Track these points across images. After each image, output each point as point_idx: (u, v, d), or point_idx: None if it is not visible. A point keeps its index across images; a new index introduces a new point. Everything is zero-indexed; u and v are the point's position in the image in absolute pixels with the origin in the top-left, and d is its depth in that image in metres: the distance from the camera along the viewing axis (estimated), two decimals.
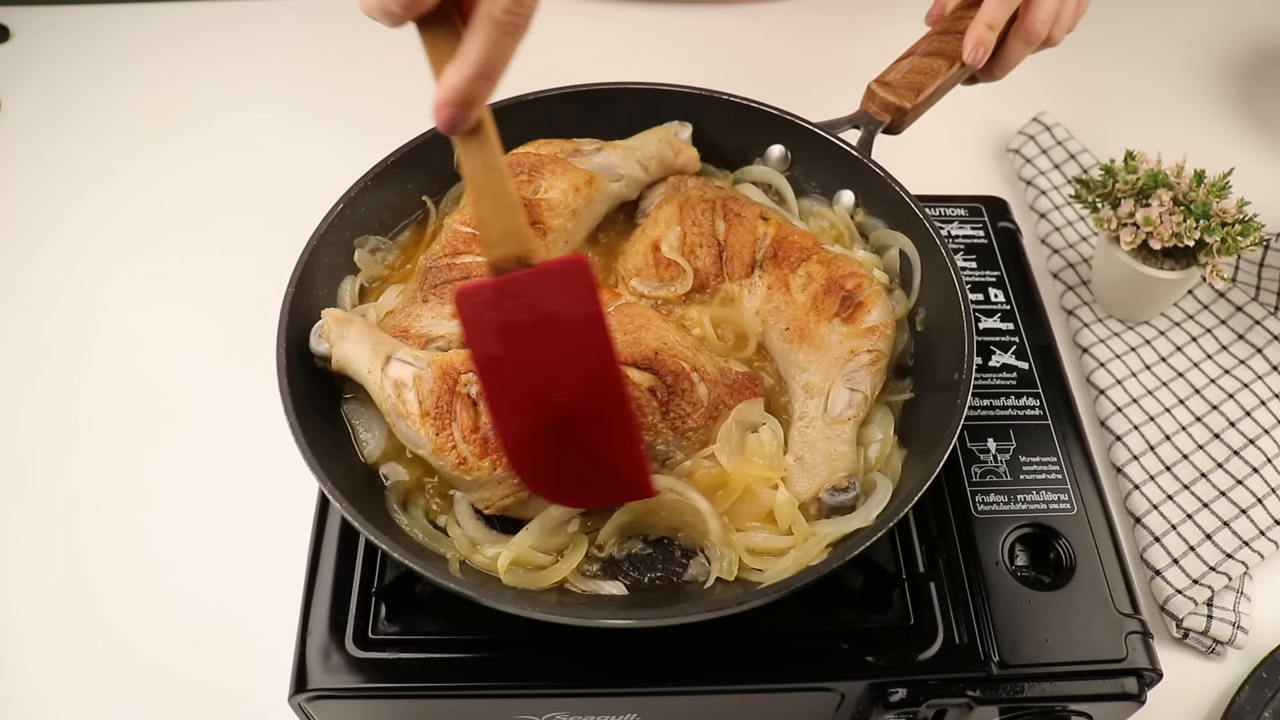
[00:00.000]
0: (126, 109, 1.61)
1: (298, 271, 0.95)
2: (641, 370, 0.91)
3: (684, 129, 1.15)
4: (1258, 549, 1.10)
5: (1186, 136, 1.48)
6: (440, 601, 0.92)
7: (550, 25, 1.75)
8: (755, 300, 1.02)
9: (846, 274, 1.00)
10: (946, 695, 0.88)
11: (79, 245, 1.43)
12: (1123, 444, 1.20)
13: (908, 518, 0.98)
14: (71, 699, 1.04)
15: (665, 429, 0.90)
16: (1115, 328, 1.31)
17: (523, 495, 0.88)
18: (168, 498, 1.18)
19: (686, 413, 0.91)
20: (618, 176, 1.09)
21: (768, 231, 1.04)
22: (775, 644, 0.90)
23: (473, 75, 0.69)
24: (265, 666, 1.01)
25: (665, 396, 0.90)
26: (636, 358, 0.91)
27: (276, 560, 1.10)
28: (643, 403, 0.89)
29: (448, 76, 0.70)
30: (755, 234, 1.04)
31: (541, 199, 1.03)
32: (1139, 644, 0.91)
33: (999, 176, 1.53)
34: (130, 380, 1.28)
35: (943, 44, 1.11)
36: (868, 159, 1.07)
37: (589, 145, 1.10)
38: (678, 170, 1.14)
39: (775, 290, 1.01)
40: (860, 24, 1.74)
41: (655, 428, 0.90)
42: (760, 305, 1.02)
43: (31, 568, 1.13)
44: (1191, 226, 1.15)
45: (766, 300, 1.01)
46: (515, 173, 1.04)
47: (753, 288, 1.03)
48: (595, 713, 0.91)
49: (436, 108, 0.71)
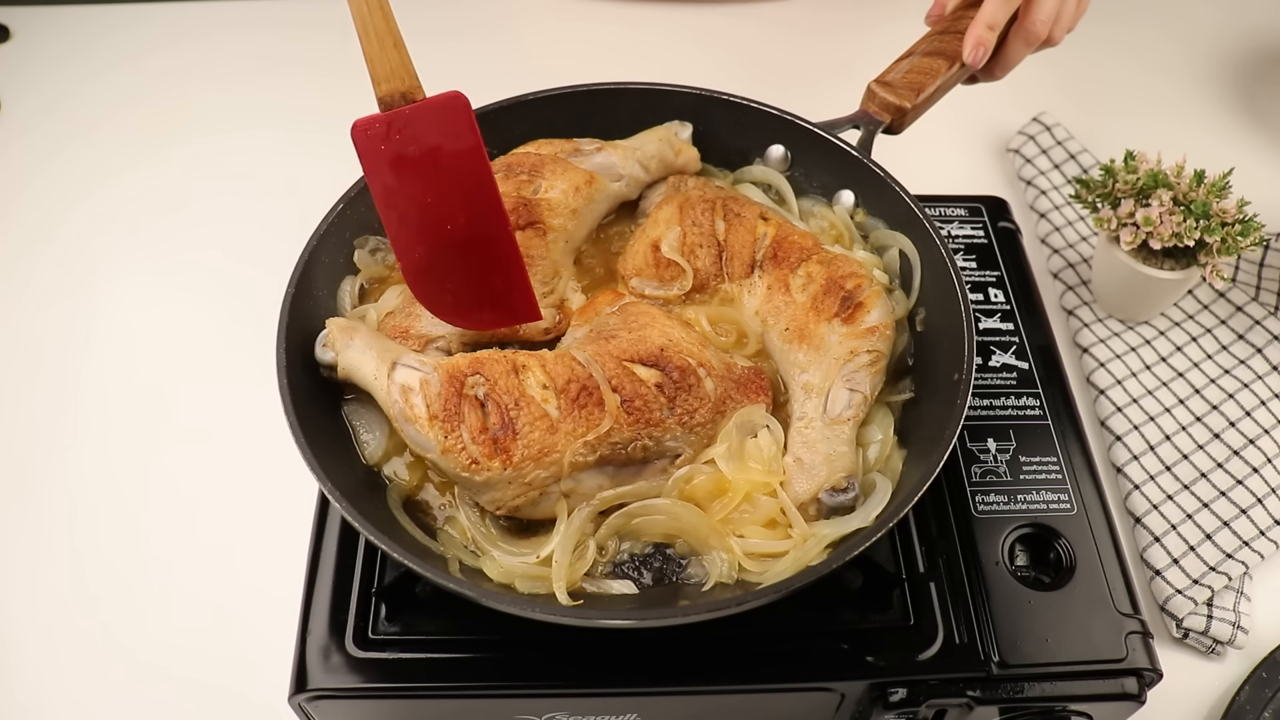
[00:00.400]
0: (126, 109, 1.61)
1: (297, 272, 0.95)
2: (648, 367, 0.91)
3: (684, 129, 1.15)
4: (1258, 549, 1.10)
5: (1186, 136, 1.48)
6: (440, 601, 0.92)
7: (550, 25, 1.76)
8: (755, 300, 1.02)
9: (846, 274, 1.00)
10: (946, 695, 0.88)
11: (78, 245, 1.43)
12: (1123, 444, 1.20)
13: (908, 518, 0.98)
14: (70, 699, 1.04)
15: (674, 424, 0.90)
16: (1115, 328, 1.31)
17: (533, 495, 0.88)
18: (167, 498, 1.18)
19: (694, 408, 0.91)
20: (618, 176, 1.10)
21: (768, 231, 1.04)
22: (775, 644, 0.90)
23: None
24: (265, 666, 1.01)
25: (672, 392, 0.90)
26: (643, 354, 0.91)
27: (276, 560, 1.10)
28: (650, 399, 0.89)
29: None
30: (755, 234, 1.04)
31: (542, 199, 1.03)
32: (1139, 644, 0.91)
33: (999, 176, 1.53)
34: (129, 380, 1.28)
35: (943, 44, 1.11)
36: (868, 159, 1.07)
37: (589, 145, 1.10)
38: (678, 170, 1.14)
39: (775, 290, 1.01)
40: (860, 23, 1.74)
41: (664, 423, 0.90)
42: (760, 305, 1.02)
43: (30, 568, 1.12)
44: (1191, 226, 1.15)
45: (766, 300, 1.01)
46: (515, 173, 1.04)
47: (752, 288, 1.03)
48: (595, 713, 0.91)
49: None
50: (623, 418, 0.88)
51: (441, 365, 0.89)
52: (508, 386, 0.87)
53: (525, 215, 1.01)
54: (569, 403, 0.87)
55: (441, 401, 0.87)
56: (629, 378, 0.90)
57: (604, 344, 0.92)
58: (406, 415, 0.87)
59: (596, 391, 0.88)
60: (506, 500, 0.88)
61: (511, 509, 0.89)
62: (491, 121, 1.10)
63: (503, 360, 0.89)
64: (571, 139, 1.11)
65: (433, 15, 1.76)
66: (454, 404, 0.86)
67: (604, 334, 0.94)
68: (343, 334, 0.92)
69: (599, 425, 0.87)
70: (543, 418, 0.87)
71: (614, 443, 0.89)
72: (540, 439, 0.86)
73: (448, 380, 0.87)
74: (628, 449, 0.90)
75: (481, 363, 0.89)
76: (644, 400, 0.89)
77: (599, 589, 0.88)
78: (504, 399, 0.87)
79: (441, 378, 0.88)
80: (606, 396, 0.88)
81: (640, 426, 0.89)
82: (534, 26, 1.75)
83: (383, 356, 0.90)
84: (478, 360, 0.89)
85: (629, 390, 0.89)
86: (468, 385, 0.88)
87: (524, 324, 0.99)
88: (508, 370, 0.88)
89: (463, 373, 0.88)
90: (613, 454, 0.89)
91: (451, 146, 0.89)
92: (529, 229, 1.02)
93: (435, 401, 0.87)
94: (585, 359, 0.91)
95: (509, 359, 0.89)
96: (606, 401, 0.88)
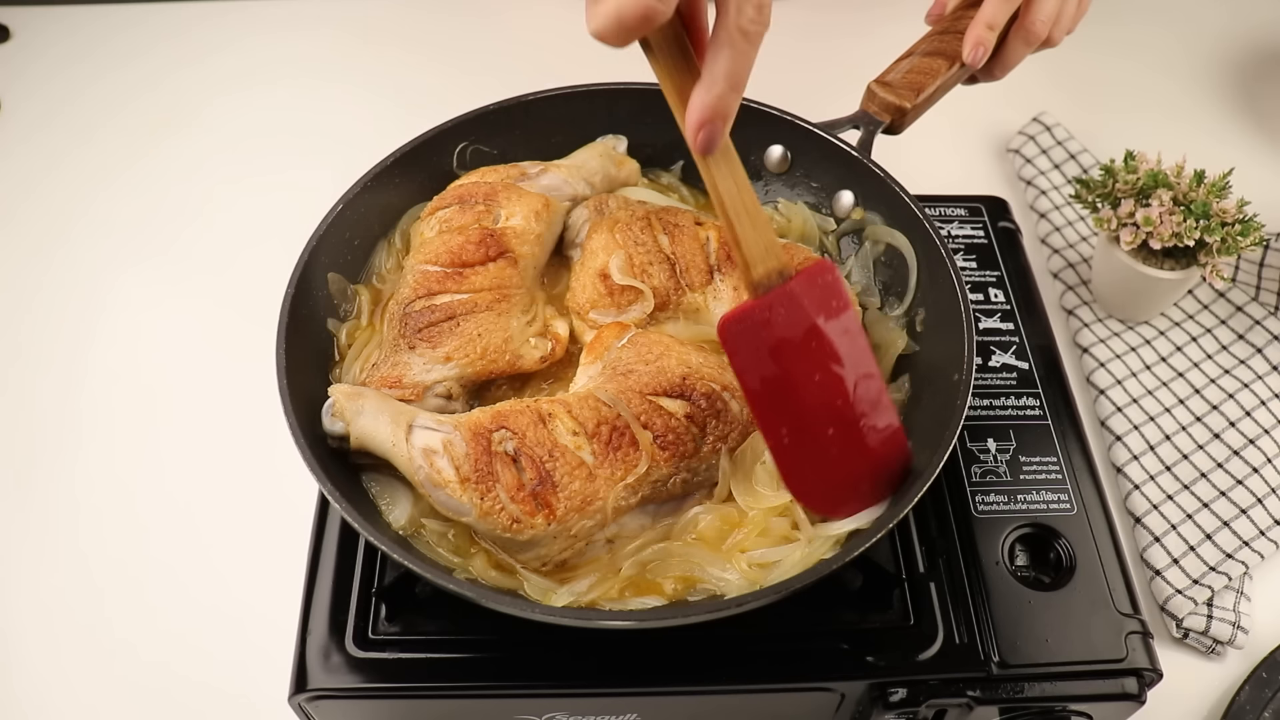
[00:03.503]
0: (127, 110, 1.61)
1: (297, 272, 0.95)
2: (673, 398, 0.89)
3: (620, 142, 1.14)
4: (1258, 549, 1.10)
5: (1186, 136, 1.48)
6: (440, 601, 0.92)
7: (550, 25, 1.76)
8: (723, 305, 1.01)
9: (800, 261, 0.99)
10: (946, 695, 0.88)
11: (79, 246, 1.43)
12: (1123, 444, 1.20)
13: (908, 518, 0.98)
14: (73, 698, 1.04)
15: (709, 453, 0.89)
16: (1115, 328, 1.31)
17: (579, 546, 0.86)
18: (169, 498, 1.18)
19: (725, 433, 0.89)
20: (568, 197, 1.08)
21: (710, 235, 1.03)
22: (775, 644, 0.90)
23: (725, 89, 0.68)
24: (265, 666, 1.02)
25: (703, 421, 0.89)
26: (666, 386, 0.89)
27: (277, 560, 1.10)
28: (682, 431, 0.87)
29: (699, 97, 0.69)
30: (700, 240, 1.02)
31: (506, 228, 1.00)
32: (1139, 644, 0.91)
33: (999, 176, 1.53)
34: (131, 381, 1.28)
35: (943, 44, 1.11)
36: (868, 159, 1.07)
37: (534, 168, 1.08)
38: (621, 183, 1.12)
39: (740, 290, 1.00)
40: (860, 23, 1.74)
41: (700, 454, 0.88)
42: (729, 307, 1.00)
43: (34, 567, 1.13)
44: (1191, 226, 1.15)
45: (734, 302, 1.00)
46: (471, 204, 1.01)
47: (717, 293, 1.01)
48: (595, 713, 0.91)
49: (693, 130, 0.70)
50: (658, 454, 0.86)
51: (462, 423, 0.85)
52: (538, 438, 0.84)
53: (495, 246, 0.98)
54: (603, 446, 0.85)
55: (471, 462, 0.83)
56: (658, 412, 0.87)
57: (624, 380, 0.90)
58: (434, 480, 0.83)
59: (628, 431, 0.86)
60: (553, 556, 0.85)
61: (558, 564, 0.87)
62: (491, 121, 1.11)
63: (527, 411, 0.86)
64: (516, 163, 1.09)
65: (432, 15, 1.76)
66: (484, 463, 0.83)
67: (620, 370, 0.92)
68: (350, 400, 0.86)
69: (637, 466, 0.85)
70: (580, 466, 0.84)
71: (654, 481, 0.87)
72: (581, 488, 0.83)
73: (473, 439, 0.84)
74: (668, 485, 0.88)
75: (505, 416, 0.85)
76: (676, 434, 0.87)
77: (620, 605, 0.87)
78: (537, 451, 0.84)
79: (465, 437, 0.84)
80: (639, 435, 0.86)
81: (677, 460, 0.87)
82: (533, 26, 1.75)
83: (397, 420, 0.85)
84: (500, 414, 0.86)
85: (660, 425, 0.87)
86: (495, 441, 0.84)
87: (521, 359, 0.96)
88: (534, 420, 0.85)
89: (487, 429, 0.84)
90: (654, 493, 0.88)
91: (830, 314, 0.82)
92: (501, 259, 0.98)
93: (464, 463, 0.83)
94: (610, 398, 0.88)
95: (532, 408, 0.86)
96: (640, 440, 0.86)
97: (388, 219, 1.07)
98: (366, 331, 1.00)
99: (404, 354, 0.94)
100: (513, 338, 0.97)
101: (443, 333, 0.94)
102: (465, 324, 0.95)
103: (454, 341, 0.94)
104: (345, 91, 1.64)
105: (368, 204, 1.04)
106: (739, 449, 0.90)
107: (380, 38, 1.73)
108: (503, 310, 0.97)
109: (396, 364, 0.94)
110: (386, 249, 1.06)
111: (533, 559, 0.86)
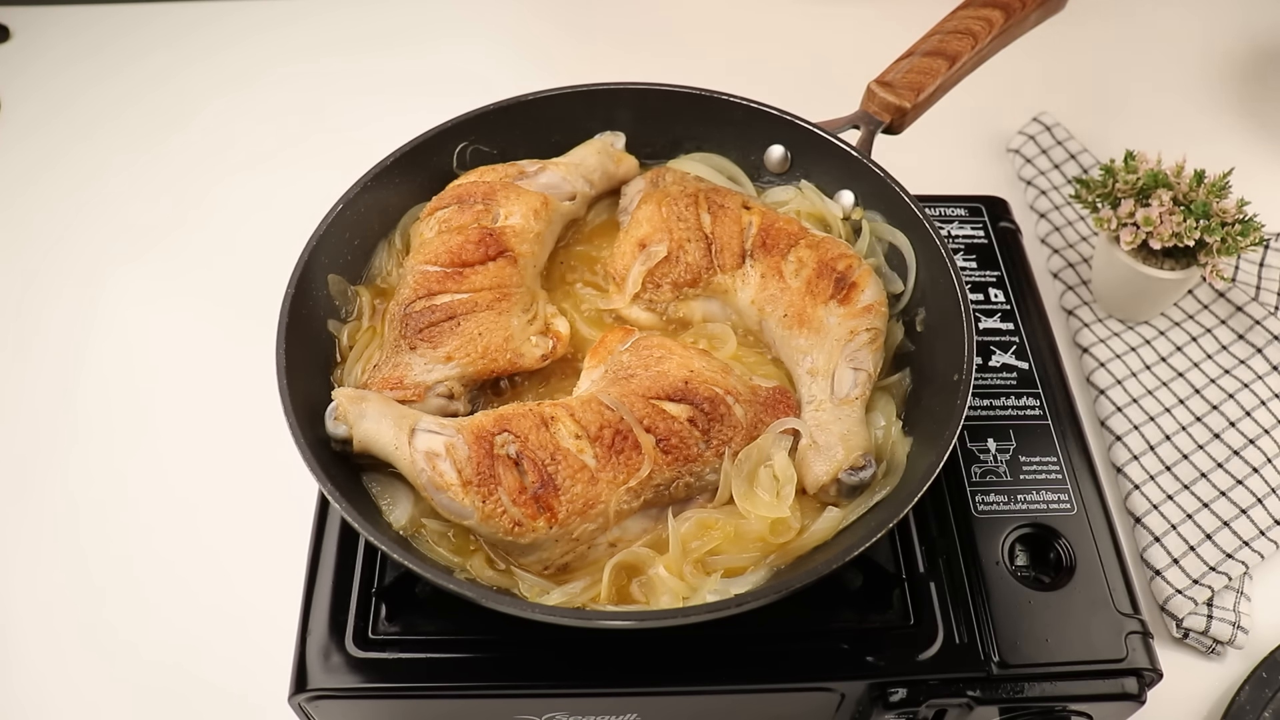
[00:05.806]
0: (127, 109, 1.61)
1: (297, 271, 0.95)
2: (676, 403, 0.89)
3: (618, 138, 1.15)
4: (1258, 549, 1.10)
5: (1186, 136, 1.48)
6: (440, 601, 0.92)
7: (550, 25, 1.76)
8: (750, 290, 1.02)
9: (836, 256, 1.00)
10: (946, 695, 0.88)
11: (79, 245, 1.43)
12: (1123, 444, 1.20)
13: (908, 518, 0.98)
14: (73, 697, 1.04)
15: (711, 456, 0.89)
16: (1115, 328, 1.31)
17: (581, 550, 0.86)
18: (168, 497, 1.18)
19: (728, 437, 0.89)
20: (567, 195, 1.08)
21: (753, 220, 1.03)
22: (775, 644, 0.90)
23: None
24: (265, 666, 1.02)
25: (705, 425, 0.88)
26: (668, 390, 0.89)
27: (277, 560, 1.10)
28: (684, 435, 0.87)
29: None
30: (741, 224, 1.03)
31: (505, 226, 1.00)
32: (1139, 644, 0.91)
33: (999, 176, 1.53)
34: (130, 380, 1.29)
35: (943, 44, 1.11)
36: (868, 159, 1.07)
37: (532, 166, 1.08)
38: (620, 180, 1.13)
39: (769, 278, 1.00)
40: (860, 24, 1.74)
41: (702, 457, 0.88)
42: (756, 294, 1.01)
43: (33, 566, 1.13)
44: (1191, 226, 1.15)
45: (761, 289, 1.01)
46: (470, 204, 1.02)
47: (745, 278, 1.02)
48: (595, 713, 0.91)
49: None
50: (660, 458, 0.86)
51: (465, 426, 0.85)
52: (540, 441, 0.84)
53: (494, 246, 0.98)
54: (605, 450, 0.85)
55: (474, 465, 0.83)
56: (660, 416, 0.87)
57: (627, 384, 0.90)
58: (436, 483, 0.83)
59: (631, 435, 0.86)
60: (554, 559, 0.85)
61: (559, 567, 0.87)
62: (491, 121, 1.10)
63: (529, 414, 0.86)
64: (514, 162, 1.09)
65: (432, 15, 1.76)
66: (487, 466, 0.83)
67: (623, 374, 0.92)
68: (353, 404, 0.86)
69: (639, 470, 0.85)
70: (582, 469, 0.84)
71: (656, 485, 0.87)
72: (583, 492, 0.84)
73: (475, 442, 0.84)
74: (670, 489, 0.88)
75: (507, 419, 0.85)
76: (679, 437, 0.87)
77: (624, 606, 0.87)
78: (539, 454, 0.84)
79: (468, 440, 0.84)
80: (641, 438, 0.86)
81: (680, 464, 0.87)
82: (532, 25, 1.75)
83: (400, 423, 0.85)
84: (503, 417, 0.86)
85: (662, 429, 0.87)
86: (497, 444, 0.84)
87: (522, 358, 0.96)
88: (537, 424, 0.85)
89: (489, 432, 0.84)
90: (656, 496, 0.88)
91: None
92: (500, 258, 0.99)
93: (466, 466, 0.83)
94: (613, 402, 0.88)
95: (535, 411, 0.86)
96: (642, 444, 0.86)
97: (388, 219, 1.07)
98: (368, 333, 1.00)
99: (405, 354, 0.94)
100: (513, 336, 0.97)
101: (443, 332, 0.94)
102: (466, 323, 0.95)
103: (455, 341, 0.94)
104: (345, 92, 1.64)
105: (368, 204, 1.04)
106: (742, 452, 0.90)
107: (380, 38, 1.73)
108: (503, 309, 0.97)
109: (398, 364, 0.94)
110: (387, 249, 1.06)
111: (534, 562, 0.86)
